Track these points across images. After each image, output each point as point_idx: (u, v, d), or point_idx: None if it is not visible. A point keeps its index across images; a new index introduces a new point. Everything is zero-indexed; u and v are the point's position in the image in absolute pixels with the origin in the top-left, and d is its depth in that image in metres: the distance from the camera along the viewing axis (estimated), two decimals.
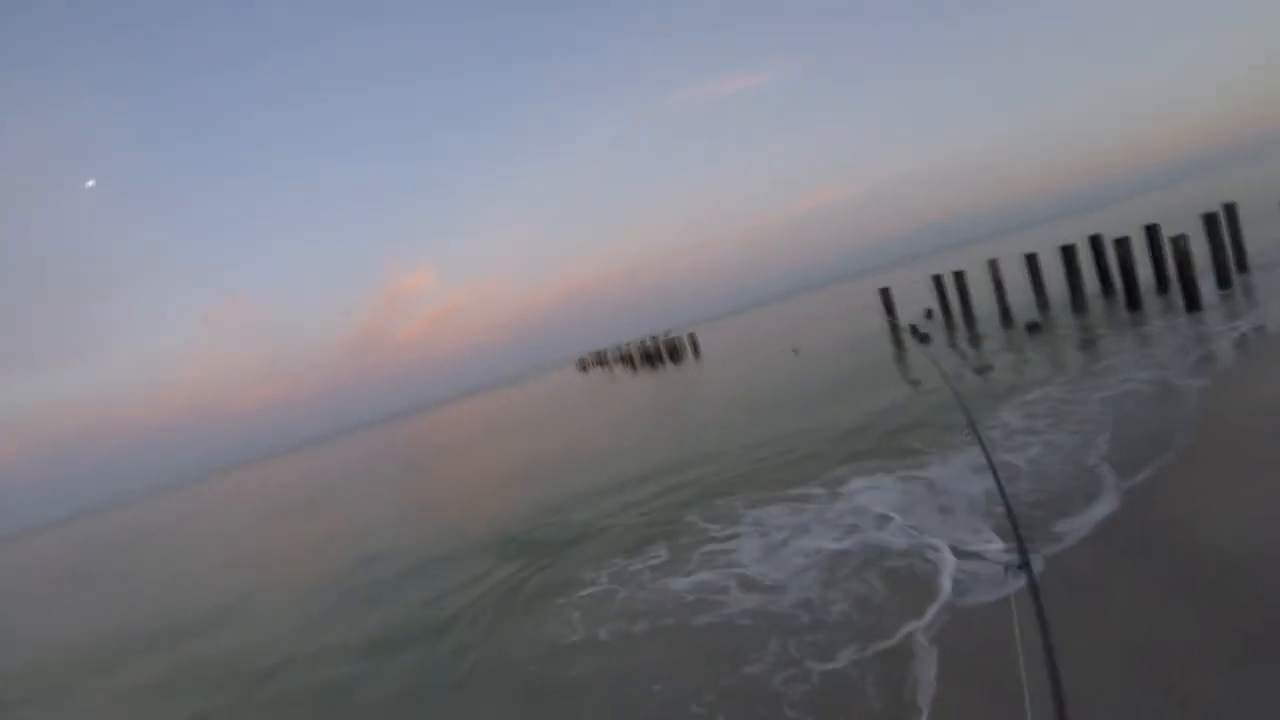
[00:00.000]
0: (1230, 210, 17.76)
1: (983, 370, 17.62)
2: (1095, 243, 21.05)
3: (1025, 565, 1.97)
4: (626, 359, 65.39)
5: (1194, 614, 5.52)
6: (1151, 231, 18.74)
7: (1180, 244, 17.06)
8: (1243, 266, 17.88)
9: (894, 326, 28.95)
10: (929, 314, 28.55)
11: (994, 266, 24.73)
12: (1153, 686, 4.82)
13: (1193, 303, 16.25)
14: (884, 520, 9.72)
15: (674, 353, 54.76)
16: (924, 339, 26.04)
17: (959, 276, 26.91)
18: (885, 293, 29.94)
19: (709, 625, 8.22)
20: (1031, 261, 23.61)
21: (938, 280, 27.96)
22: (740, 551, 10.16)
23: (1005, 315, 23.57)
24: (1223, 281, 17.37)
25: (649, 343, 59.61)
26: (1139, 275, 18.72)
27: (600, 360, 77.66)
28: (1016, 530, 2.39)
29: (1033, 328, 20.50)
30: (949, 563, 7.89)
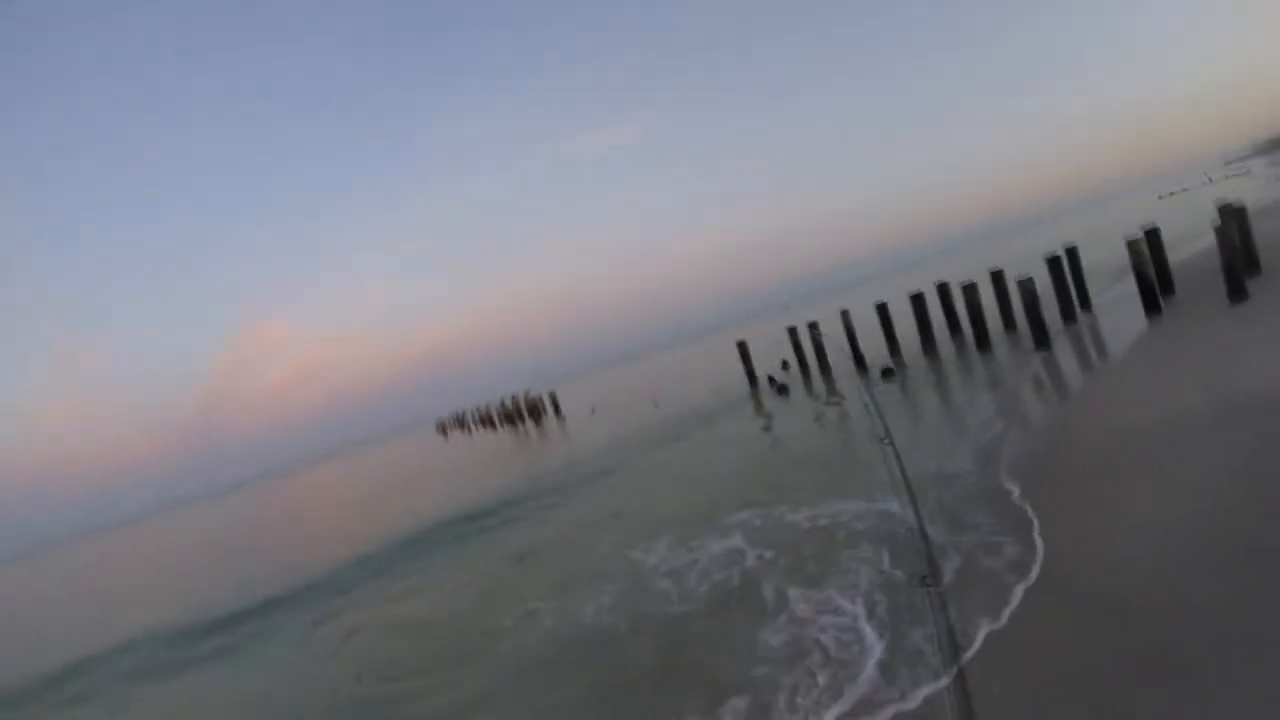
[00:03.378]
0: (1072, 253, 17.64)
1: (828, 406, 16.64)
2: (943, 290, 20.62)
3: (933, 578, 1.83)
4: (486, 421, 61.67)
5: (1084, 636, 4.93)
6: (996, 276, 18.38)
7: (1027, 285, 16.69)
8: (1085, 304, 17.72)
9: (752, 379, 27.85)
10: (785, 365, 27.57)
11: (845, 317, 24.11)
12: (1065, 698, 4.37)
13: (1040, 339, 15.69)
14: None
15: (534, 412, 51.78)
16: (781, 390, 24.91)
17: (813, 328, 26.16)
18: (743, 346, 28.93)
19: None
20: (882, 310, 23.07)
21: (793, 332, 27.13)
22: None
23: (859, 363, 22.71)
24: (1068, 317, 17.06)
25: (509, 404, 56.34)
26: (988, 317, 18.24)
27: (460, 422, 73.06)
28: (926, 545, 2.44)
29: (887, 373, 19.61)
30: None
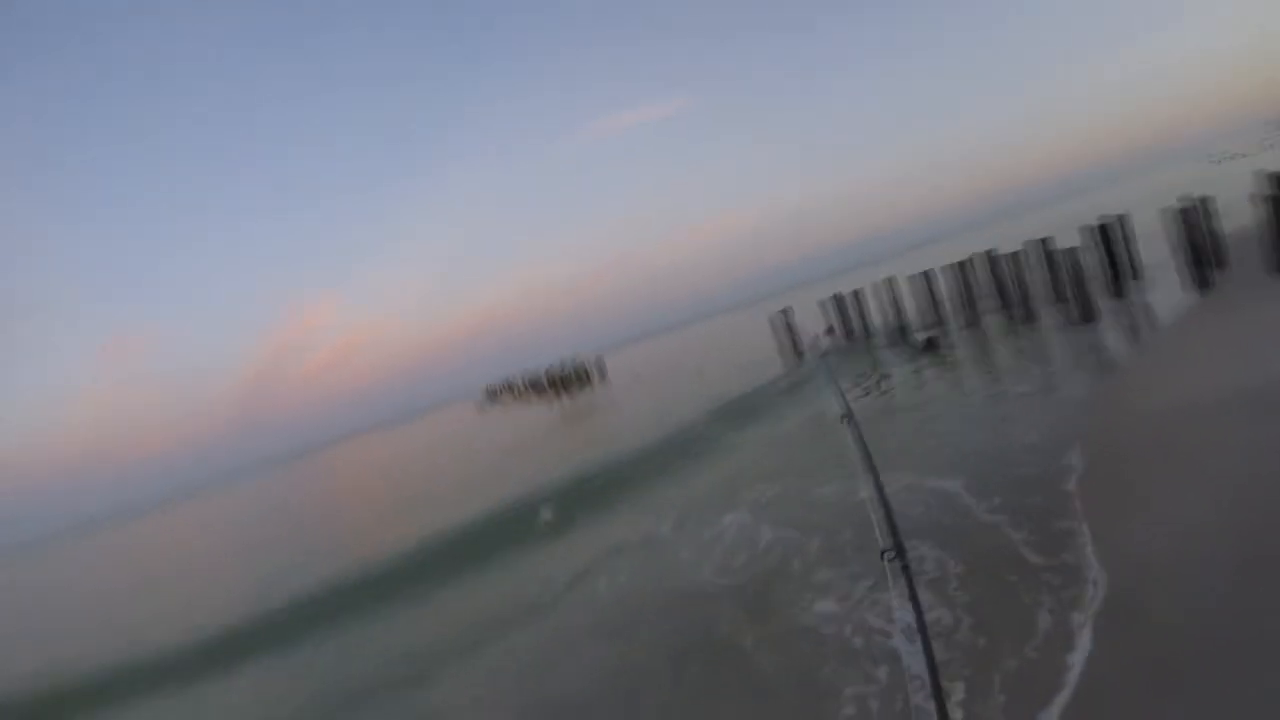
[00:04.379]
0: (1120, 221, 17.39)
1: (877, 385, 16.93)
2: (986, 259, 20.48)
3: (900, 553, 1.89)
4: (530, 389, 62.97)
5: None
6: (1044, 244, 18.21)
7: (1073, 256, 16.62)
8: (1135, 275, 17.53)
9: (795, 348, 28.14)
10: (830, 331, 27.83)
11: (890, 285, 24.16)
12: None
13: (1087, 313, 15.68)
14: None
15: (580, 380, 52.87)
16: (824, 356, 25.32)
17: (856, 296, 26.35)
18: (786, 314, 29.10)
19: None
20: (927, 279, 23.03)
21: (838, 300, 27.24)
22: None
23: (902, 333, 22.84)
24: (1117, 290, 16.94)
25: (553, 372, 57.52)
26: (1034, 288, 18.16)
27: (506, 391, 74.64)
28: (891, 520, 2.07)
29: (930, 344, 19.72)
30: None
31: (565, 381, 54.49)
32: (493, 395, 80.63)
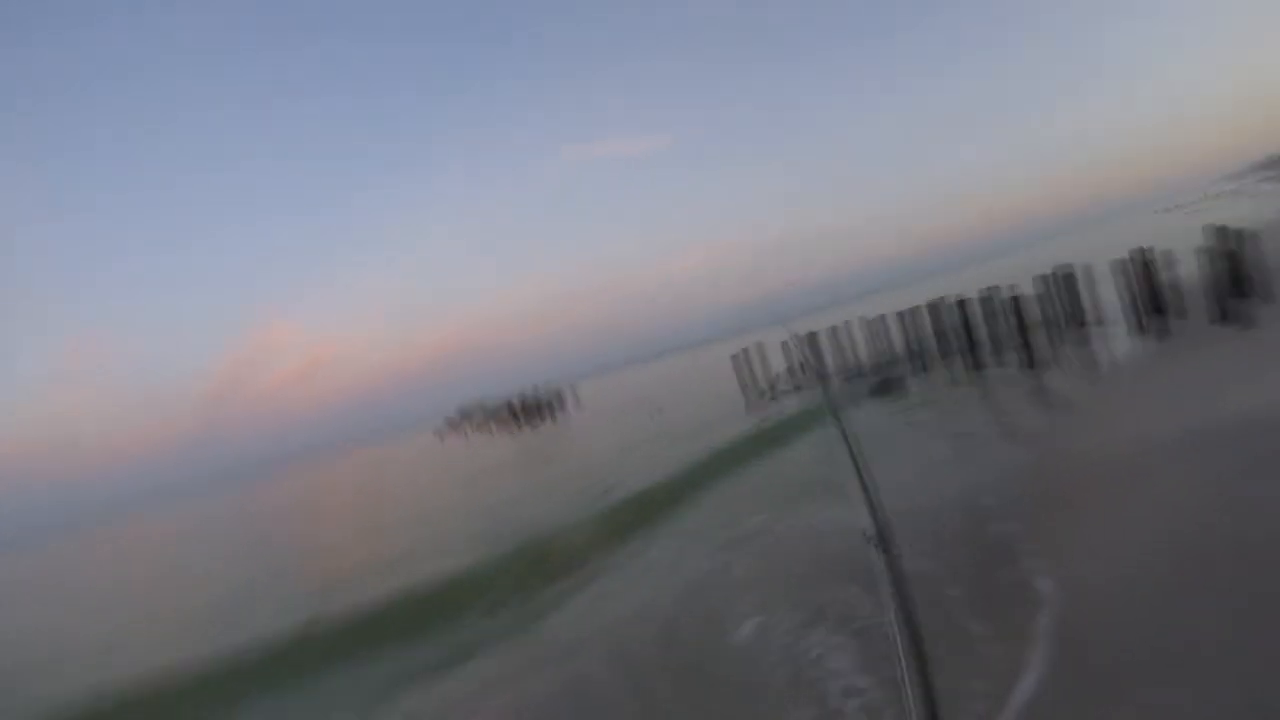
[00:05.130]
0: (1065, 272, 17.75)
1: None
2: (933, 308, 20.64)
3: (883, 540, 1.88)
4: (492, 421, 61.94)
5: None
6: (994, 293, 18.45)
7: (1021, 304, 16.84)
8: (1079, 323, 17.83)
9: (756, 386, 28.24)
10: (790, 372, 28.18)
11: (840, 332, 24.69)
12: None
13: (1034, 360, 15.88)
14: None
15: (542, 412, 52.29)
16: (782, 395, 25.56)
17: (812, 339, 26.54)
18: (745, 354, 29.21)
19: None
20: (882, 323, 23.34)
21: (796, 342, 27.40)
22: None
23: (859, 373, 23.02)
24: (1064, 338, 17.26)
25: (516, 403, 56.71)
26: (984, 334, 18.33)
27: (465, 421, 73.25)
28: (874, 508, 2.02)
29: (885, 385, 19.81)
30: None
31: (524, 416, 53.64)
32: (452, 426, 79.00)
